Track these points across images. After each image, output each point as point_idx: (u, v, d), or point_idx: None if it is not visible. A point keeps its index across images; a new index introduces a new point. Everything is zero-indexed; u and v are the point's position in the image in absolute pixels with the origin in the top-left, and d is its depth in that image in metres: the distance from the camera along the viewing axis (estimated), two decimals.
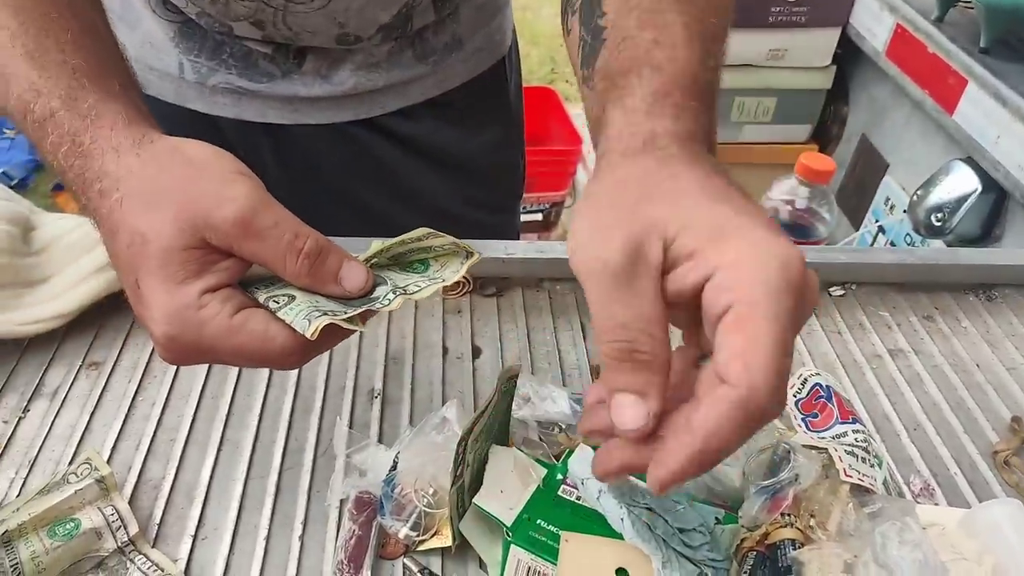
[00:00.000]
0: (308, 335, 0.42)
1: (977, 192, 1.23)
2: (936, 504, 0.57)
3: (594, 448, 0.52)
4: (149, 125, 0.46)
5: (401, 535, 0.50)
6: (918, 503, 0.57)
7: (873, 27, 1.55)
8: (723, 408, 0.32)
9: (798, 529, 0.45)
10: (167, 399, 0.61)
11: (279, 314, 0.43)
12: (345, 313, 0.44)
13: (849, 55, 1.71)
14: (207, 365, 0.64)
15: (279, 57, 0.75)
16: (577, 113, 2.10)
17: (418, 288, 0.46)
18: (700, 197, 0.36)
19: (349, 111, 0.80)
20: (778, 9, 1.62)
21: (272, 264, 0.44)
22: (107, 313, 0.67)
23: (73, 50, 0.47)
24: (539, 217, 2.23)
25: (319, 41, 0.73)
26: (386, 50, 0.77)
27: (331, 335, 0.44)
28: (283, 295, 0.44)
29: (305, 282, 0.44)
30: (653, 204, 0.36)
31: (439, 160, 0.85)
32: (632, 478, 0.50)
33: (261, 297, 0.44)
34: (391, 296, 0.45)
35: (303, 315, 0.43)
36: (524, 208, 2.13)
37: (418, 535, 0.50)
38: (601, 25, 0.46)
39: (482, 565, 0.50)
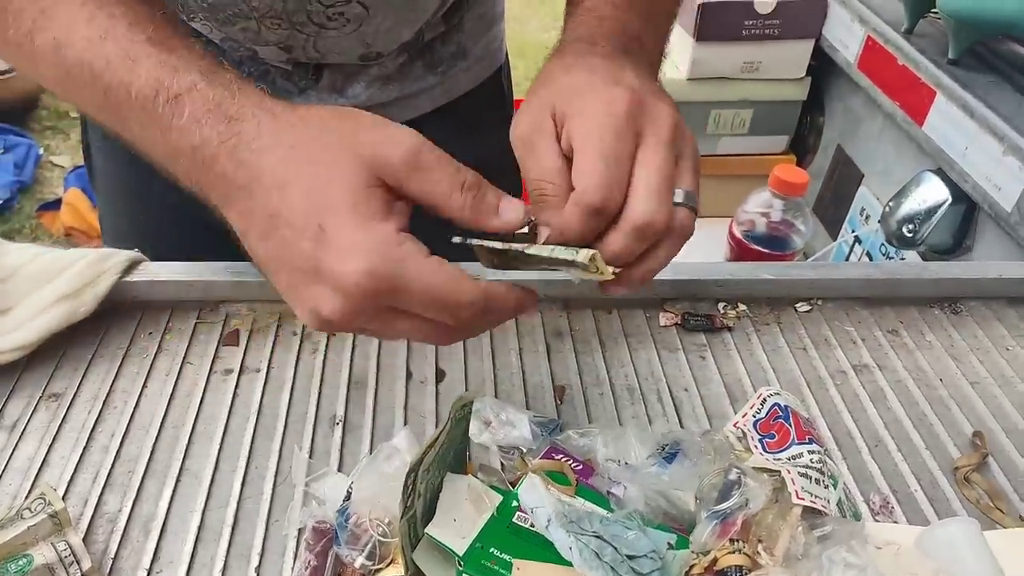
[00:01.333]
0: (580, 260, 0.45)
1: (947, 203, 1.23)
2: (895, 521, 0.58)
3: (548, 474, 0.52)
4: None
5: (357, 564, 0.50)
6: (877, 521, 0.57)
7: (845, 39, 1.56)
8: (568, 208, 0.46)
9: (746, 555, 0.45)
10: (127, 430, 0.61)
11: (529, 251, 0.46)
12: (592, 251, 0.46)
13: (823, 67, 1.72)
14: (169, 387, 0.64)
15: (297, 74, 0.77)
16: None
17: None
18: (580, 76, 0.50)
19: None
20: (751, 22, 1.63)
21: (440, 198, 0.45)
22: (68, 343, 0.67)
23: (193, 40, 0.49)
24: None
25: (342, 59, 0.76)
26: (399, 63, 0.79)
27: (510, 301, 0.47)
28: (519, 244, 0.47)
29: (468, 215, 0.46)
30: (548, 88, 0.51)
31: None
32: (581, 504, 0.50)
33: (498, 244, 0.47)
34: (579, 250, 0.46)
35: (563, 249, 0.46)
36: None
37: (374, 564, 0.50)
38: None
39: None
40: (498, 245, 0.47)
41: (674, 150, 0.48)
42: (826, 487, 0.51)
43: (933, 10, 1.38)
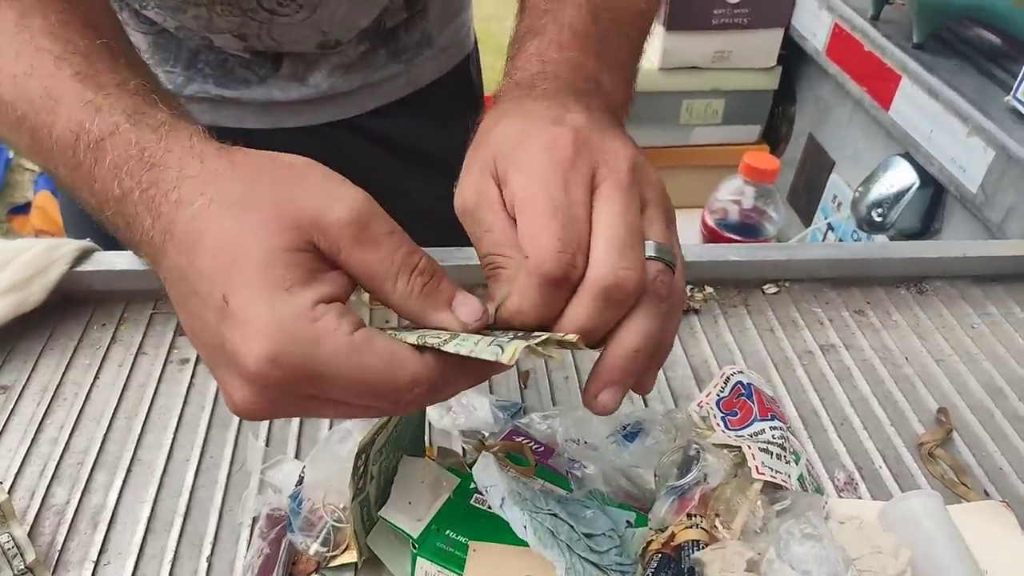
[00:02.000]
0: (505, 361, 0.34)
1: (915, 187, 1.24)
2: (860, 498, 0.57)
3: (507, 456, 0.51)
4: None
5: (311, 551, 0.49)
6: (841, 497, 0.57)
7: (813, 27, 1.57)
8: (521, 278, 0.38)
9: (703, 529, 0.44)
10: (77, 422, 0.59)
11: (446, 348, 0.36)
12: (527, 341, 0.35)
13: (793, 56, 1.72)
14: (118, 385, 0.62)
15: (256, 63, 0.75)
16: None
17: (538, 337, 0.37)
18: (515, 124, 0.42)
19: (325, 113, 0.80)
20: (720, 11, 1.63)
21: (380, 279, 0.37)
22: (18, 335, 0.65)
23: (130, 73, 0.43)
24: None
25: (300, 48, 0.74)
26: (360, 51, 0.78)
27: (467, 374, 0.38)
28: (436, 333, 0.37)
29: (414, 305, 0.37)
30: (485, 146, 0.42)
31: (414, 157, 0.86)
32: (540, 484, 0.49)
33: (411, 338, 0.36)
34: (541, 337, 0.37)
35: (486, 344, 0.35)
36: None
37: (329, 550, 0.49)
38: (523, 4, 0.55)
39: None
40: (409, 337, 0.36)
41: (636, 194, 0.40)
42: (787, 462, 0.51)
43: None
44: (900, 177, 1.25)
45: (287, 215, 0.36)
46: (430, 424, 0.59)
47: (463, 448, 0.58)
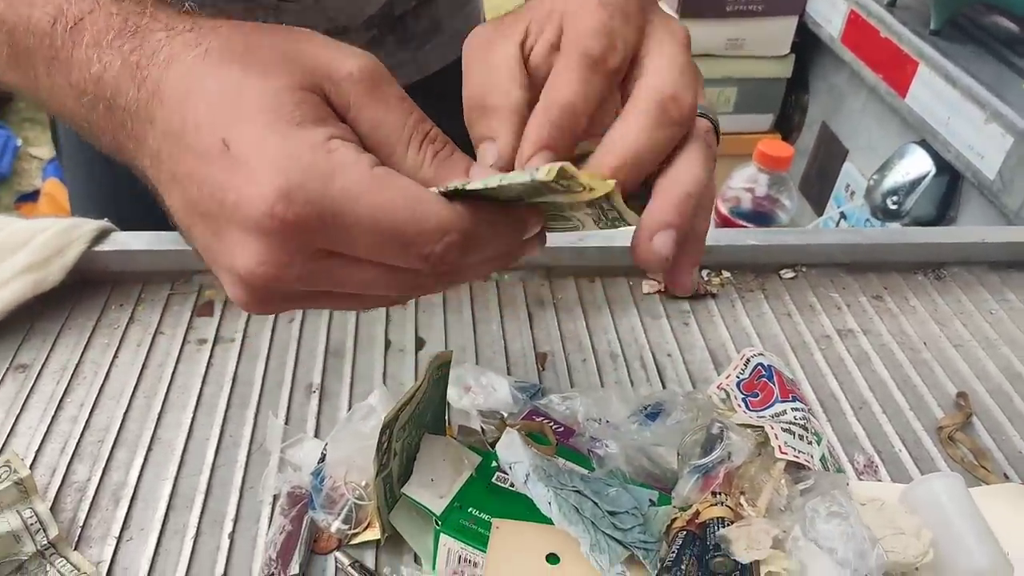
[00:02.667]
0: (541, 177, 0.30)
1: (931, 174, 1.23)
2: (880, 480, 0.57)
3: (529, 435, 0.51)
4: None
5: (333, 529, 0.49)
6: (861, 480, 0.57)
7: (828, 14, 1.56)
8: (559, 59, 0.36)
9: (728, 507, 0.44)
10: (96, 400, 0.59)
11: (472, 186, 0.32)
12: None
13: (807, 43, 1.71)
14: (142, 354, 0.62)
15: None
16: None
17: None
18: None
19: None
20: None
21: (392, 143, 0.34)
22: (37, 314, 0.65)
23: None
24: None
25: None
26: (368, 37, 0.77)
27: (501, 229, 0.35)
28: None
29: (427, 173, 0.34)
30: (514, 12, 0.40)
31: None
32: (562, 463, 0.49)
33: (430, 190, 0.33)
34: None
35: (517, 173, 0.31)
36: None
37: (350, 528, 0.49)
38: None
39: (417, 558, 0.49)
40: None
41: (689, 55, 0.37)
42: (809, 443, 0.51)
43: None
44: (916, 165, 1.25)
45: (295, 61, 0.33)
46: (449, 404, 0.59)
47: (482, 428, 0.58)
